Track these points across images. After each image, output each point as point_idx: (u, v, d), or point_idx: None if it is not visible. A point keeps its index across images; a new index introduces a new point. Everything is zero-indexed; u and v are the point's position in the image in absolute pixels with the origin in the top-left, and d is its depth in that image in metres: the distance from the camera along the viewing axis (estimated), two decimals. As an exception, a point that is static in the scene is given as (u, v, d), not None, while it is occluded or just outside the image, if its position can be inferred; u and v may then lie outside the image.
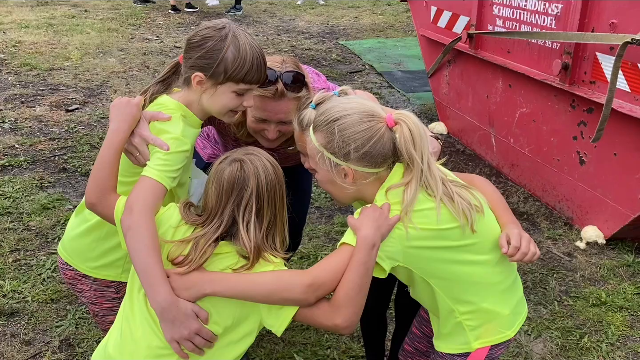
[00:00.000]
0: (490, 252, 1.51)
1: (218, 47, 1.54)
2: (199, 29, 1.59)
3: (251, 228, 1.44)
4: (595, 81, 3.16)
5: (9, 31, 8.25)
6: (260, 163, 1.48)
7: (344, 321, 1.37)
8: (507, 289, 1.58)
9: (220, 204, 1.46)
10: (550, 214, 3.65)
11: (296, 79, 1.77)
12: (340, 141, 1.41)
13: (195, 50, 1.56)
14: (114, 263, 1.73)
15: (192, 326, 1.38)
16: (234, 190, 1.45)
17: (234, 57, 1.54)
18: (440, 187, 1.42)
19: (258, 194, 1.45)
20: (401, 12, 10.64)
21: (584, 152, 3.37)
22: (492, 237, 1.52)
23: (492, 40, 4.08)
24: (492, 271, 1.52)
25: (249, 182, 1.45)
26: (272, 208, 1.48)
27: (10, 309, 2.65)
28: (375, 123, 1.41)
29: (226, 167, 1.47)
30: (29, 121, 4.96)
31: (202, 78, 1.56)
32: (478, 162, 4.39)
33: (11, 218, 3.41)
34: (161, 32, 8.77)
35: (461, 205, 1.42)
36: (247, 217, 1.44)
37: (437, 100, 5.10)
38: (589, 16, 3.15)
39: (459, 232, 1.43)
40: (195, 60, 1.56)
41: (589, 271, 3.07)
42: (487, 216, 1.53)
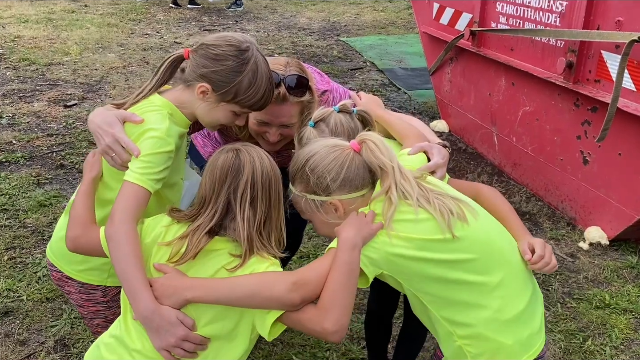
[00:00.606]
0: (486, 274, 1.42)
1: (237, 70, 1.53)
2: (221, 40, 1.55)
3: (245, 217, 1.40)
4: (600, 80, 3.11)
5: (8, 25, 8.20)
6: (257, 153, 1.46)
7: (332, 325, 1.32)
8: (514, 320, 1.44)
9: (214, 191, 1.43)
10: (552, 214, 3.61)
11: (300, 82, 1.74)
12: (316, 179, 1.44)
13: (213, 62, 1.53)
14: (99, 267, 1.69)
15: (178, 333, 1.35)
16: (228, 177, 1.42)
17: (249, 85, 1.54)
18: (416, 189, 1.41)
19: (253, 183, 1.42)
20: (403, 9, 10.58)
21: (587, 151, 3.32)
22: (490, 257, 1.43)
23: (495, 38, 4.03)
24: (490, 295, 1.42)
25: (244, 170, 1.42)
26: (267, 200, 1.44)
27: (5, 308, 2.61)
28: (341, 151, 1.45)
29: (221, 155, 1.46)
30: (26, 117, 4.92)
31: (208, 91, 1.54)
32: (480, 161, 4.34)
33: (7, 215, 3.36)
34: (161, 27, 8.71)
35: (439, 205, 1.39)
36: (242, 205, 1.41)
37: (439, 98, 5.06)
38: (595, 14, 3.10)
39: (445, 245, 1.38)
40: (209, 72, 1.53)
41: (592, 272, 3.03)
42: (482, 231, 1.45)
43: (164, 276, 1.39)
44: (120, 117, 1.53)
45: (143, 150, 1.48)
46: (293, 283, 1.32)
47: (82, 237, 1.49)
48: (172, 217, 1.48)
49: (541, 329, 1.50)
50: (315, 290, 1.35)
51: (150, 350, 1.38)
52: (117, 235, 1.39)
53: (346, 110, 1.69)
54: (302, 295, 1.33)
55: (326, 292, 1.34)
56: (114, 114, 1.54)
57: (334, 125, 1.65)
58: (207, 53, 1.54)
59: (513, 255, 1.50)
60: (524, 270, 1.51)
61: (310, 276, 1.36)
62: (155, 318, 1.34)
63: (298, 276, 1.36)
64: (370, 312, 2.22)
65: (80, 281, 1.72)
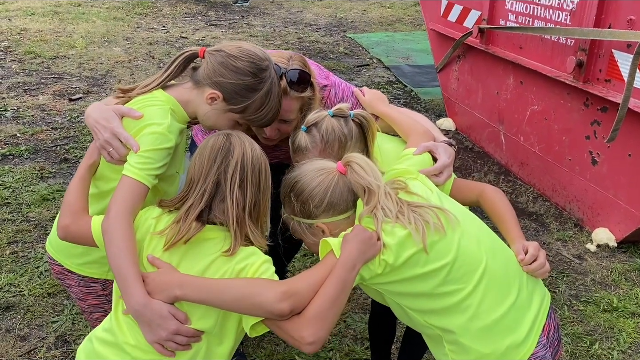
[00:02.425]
0: (459, 281, 1.39)
1: (254, 88, 1.53)
2: (243, 54, 1.53)
3: (234, 198, 1.40)
4: (610, 79, 3.07)
5: (15, 18, 8.20)
6: (247, 139, 1.46)
7: (311, 335, 1.29)
8: (489, 328, 1.40)
9: (203, 171, 1.42)
10: (560, 214, 3.56)
11: (301, 78, 1.71)
12: (300, 205, 1.46)
13: (231, 74, 1.52)
14: (99, 260, 1.67)
15: (170, 327, 1.34)
16: (218, 157, 1.42)
17: (261, 105, 1.55)
18: (395, 205, 1.42)
19: (243, 165, 1.42)
20: (410, 6, 10.52)
21: (596, 152, 3.28)
22: (463, 264, 1.40)
23: (504, 36, 3.98)
24: (463, 302, 1.39)
25: (234, 151, 1.42)
26: (257, 184, 1.44)
27: (6, 302, 2.59)
28: (326, 175, 1.46)
29: (211, 137, 1.46)
30: (31, 110, 4.90)
31: (218, 99, 1.54)
32: (486, 160, 4.30)
33: (10, 209, 3.35)
34: (167, 21, 8.69)
35: (414, 219, 1.39)
36: (231, 186, 1.41)
37: (446, 96, 5.01)
38: (606, 12, 3.05)
39: (418, 257, 1.37)
40: (224, 82, 1.53)
41: (599, 275, 2.99)
42: (457, 239, 1.42)
43: (157, 271, 1.38)
44: (119, 113, 1.52)
45: (143, 145, 1.46)
46: (283, 292, 1.30)
47: (72, 225, 1.48)
48: (162, 208, 1.47)
49: (529, 339, 1.42)
50: (305, 301, 1.32)
51: (144, 344, 1.37)
52: (112, 229, 1.38)
53: (341, 114, 1.65)
54: (292, 305, 1.30)
55: (314, 303, 1.32)
56: (112, 109, 1.52)
57: (325, 131, 1.63)
58: (226, 62, 1.53)
59: (494, 261, 1.45)
60: (508, 277, 1.46)
61: (301, 287, 1.33)
62: (147, 312, 1.33)
63: (289, 285, 1.33)
64: (374, 313, 2.19)
65: (80, 274, 1.71)
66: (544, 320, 1.48)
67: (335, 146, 1.63)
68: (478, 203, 1.73)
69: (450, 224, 1.42)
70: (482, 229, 1.52)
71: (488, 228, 1.55)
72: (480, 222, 1.55)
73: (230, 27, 8.51)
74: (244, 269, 1.38)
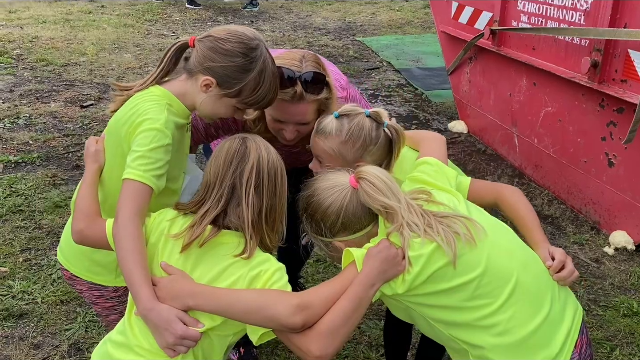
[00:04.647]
0: (489, 295, 1.35)
1: (245, 69, 1.50)
2: (231, 35, 1.50)
3: (250, 202, 1.38)
4: (626, 80, 3.02)
5: (26, 26, 8.26)
6: (263, 143, 1.45)
7: (317, 350, 1.26)
8: (519, 344, 1.35)
9: (219, 175, 1.41)
10: (576, 217, 3.51)
11: (316, 79, 1.67)
12: (315, 224, 1.44)
13: (221, 57, 1.49)
14: (107, 266, 1.67)
15: (176, 332, 1.32)
16: (233, 161, 1.40)
17: (256, 85, 1.51)
18: (421, 219, 1.36)
19: (259, 169, 1.40)
20: (419, 9, 10.49)
21: (613, 153, 3.22)
22: (494, 277, 1.35)
23: (516, 37, 3.94)
24: (492, 317, 1.35)
25: (250, 156, 1.41)
26: (273, 189, 1.42)
27: (20, 310, 2.59)
28: (339, 192, 1.40)
29: (227, 141, 1.45)
30: (43, 117, 4.93)
31: (212, 84, 1.51)
32: (500, 163, 4.25)
33: (23, 216, 3.36)
34: (177, 27, 8.72)
35: (443, 231, 1.34)
36: (247, 190, 1.39)
37: (457, 98, 4.97)
38: (621, 12, 3.01)
39: (447, 270, 1.33)
40: (215, 67, 1.49)
41: (618, 279, 2.93)
42: (486, 251, 1.37)
43: (169, 277, 1.37)
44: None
45: (141, 144, 1.45)
46: (296, 305, 1.27)
47: (87, 229, 1.47)
48: (177, 210, 1.46)
49: (561, 355, 1.37)
50: (318, 314, 1.29)
51: (156, 347, 1.36)
52: (121, 235, 1.38)
53: (377, 118, 1.62)
54: (304, 319, 1.27)
55: (326, 318, 1.29)
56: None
57: (355, 125, 1.59)
58: (215, 46, 1.50)
59: (526, 274, 1.40)
60: (540, 290, 1.41)
61: (315, 300, 1.30)
62: (153, 316, 1.32)
63: (302, 298, 1.30)
64: (389, 319, 2.15)
65: (90, 281, 1.71)
66: (577, 336, 1.42)
67: (357, 144, 1.59)
68: (496, 205, 1.69)
69: (478, 235, 1.37)
70: (513, 241, 1.47)
71: (520, 240, 1.49)
72: (512, 234, 1.49)
73: (240, 32, 8.52)
74: (257, 275, 1.36)
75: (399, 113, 5.32)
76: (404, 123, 5.04)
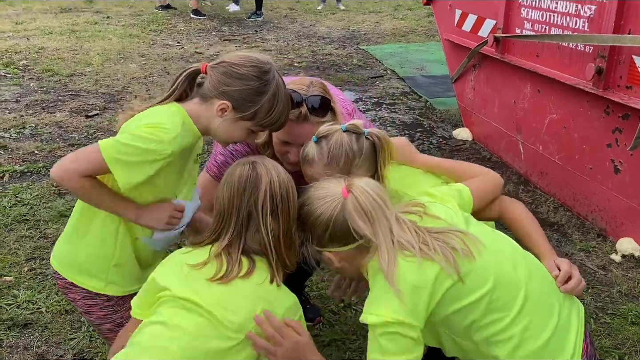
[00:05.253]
0: (501, 310, 1.33)
1: (260, 91, 1.53)
2: (245, 60, 1.55)
3: (269, 228, 1.40)
4: (632, 86, 3.00)
5: (33, 37, 8.33)
6: (272, 165, 1.47)
7: None
8: (535, 354, 1.34)
9: (234, 205, 1.41)
10: (582, 224, 3.49)
11: (322, 103, 1.74)
12: (305, 233, 1.44)
13: (236, 81, 1.53)
14: (97, 275, 1.68)
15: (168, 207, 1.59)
16: (247, 189, 1.42)
17: (270, 107, 1.55)
18: (415, 237, 1.33)
19: (272, 194, 1.42)
20: (423, 17, 10.52)
21: (619, 160, 3.21)
22: (505, 290, 1.34)
23: (520, 44, 3.94)
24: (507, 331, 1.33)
25: (262, 181, 1.42)
26: (287, 210, 1.44)
27: (24, 320, 2.59)
28: (330, 203, 1.39)
29: (237, 167, 1.45)
30: (49, 127, 4.95)
31: (228, 108, 1.54)
32: (505, 170, 4.23)
33: (28, 226, 3.36)
34: (182, 37, 8.77)
35: (440, 248, 1.31)
36: (264, 217, 1.41)
37: (462, 106, 4.97)
38: (625, 18, 3.00)
39: (455, 291, 1.31)
40: (231, 91, 1.53)
41: (626, 286, 2.91)
42: (490, 264, 1.35)
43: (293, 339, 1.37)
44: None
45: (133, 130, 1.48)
46: None
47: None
48: (193, 245, 1.48)
49: (575, 357, 1.36)
50: None
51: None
52: (73, 185, 1.48)
53: (355, 130, 1.60)
54: None
55: None
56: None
57: (333, 144, 1.58)
58: (229, 71, 1.54)
59: (533, 283, 1.39)
60: (548, 298, 1.40)
61: None
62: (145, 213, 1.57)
63: None
64: None
65: (83, 287, 1.71)
66: (583, 338, 1.41)
67: (340, 161, 1.57)
68: (498, 219, 1.68)
69: (477, 249, 1.35)
70: (516, 251, 1.45)
71: (522, 248, 1.47)
72: (514, 243, 1.48)
73: (244, 42, 8.56)
74: None
75: (404, 121, 5.32)
76: (408, 131, 5.04)
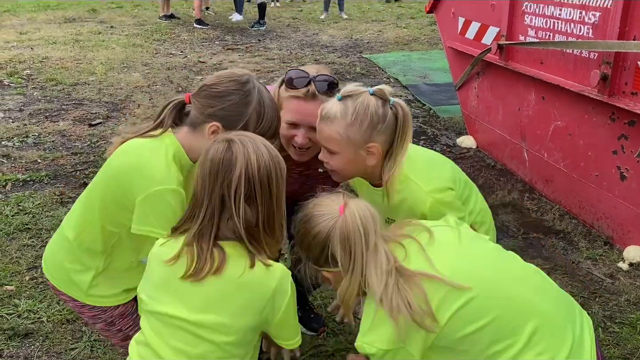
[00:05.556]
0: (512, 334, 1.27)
1: (244, 102, 1.51)
2: (220, 79, 1.54)
3: (241, 215, 1.29)
4: (637, 92, 2.98)
5: (37, 47, 8.37)
6: (252, 144, 1.33)
7: None
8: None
9: (206, 188, 1.31)
10: (588, 232, 3.45)
11: (330, 83, 1.76)
12: (303, 251, 1.38)
13: (217, 101, 1.51)
14: (80, 285, 1.68)
15: None
16: (219, 171, 1.30)
17: (259, 116, 1.53)
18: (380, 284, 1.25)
19: (248, 177, 1.29)
20: (425, 26, 10.54)
21: (625, 167, 3.18)
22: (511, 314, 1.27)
23: (524, 51, 3.92)
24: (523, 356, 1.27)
25: (237, 163, 1.30)
26: (268, 195, 1.32)
27: (25, 329, 2.56)
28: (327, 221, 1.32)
29: (212, 146, 1.34)
30: (52, 136, 4.95)
31: (219, 129, 1.52)
32: (510, 177, 4.21)
33: (30, 234, 3.35)
34: (185, 47, 8.80)
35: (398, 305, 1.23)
36: (236, 202, 1.29)
37: (466, 114, 4.95)
38: (630, 24, 2.98)
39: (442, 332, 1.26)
40: (216, 111, 1.51)
41: (634, 295, 2.86)
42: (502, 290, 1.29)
43: None
44: None
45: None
46: None
47: None
48: (170, 235, 1.41)
49: None
50: None
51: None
52: None
53: (382, 96, 1.55)
54: None
55: None
56: None
57: (360, 104, 1.52)
58: (210, 93, 1.53)
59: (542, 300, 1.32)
60: (562, 318, 1.31)
61: None
62: None
63: None
64: None
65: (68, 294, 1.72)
66: (595, 354, 1.34)
67: (364, 124, 1.51)
68: None
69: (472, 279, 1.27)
70: (526, 270, 1.38)
71: (531, 265, 1.41)
72: (520, 261, 1.41)
73: (247, 51, 8.58)
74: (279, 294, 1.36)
75: (407, 129, 5.29)
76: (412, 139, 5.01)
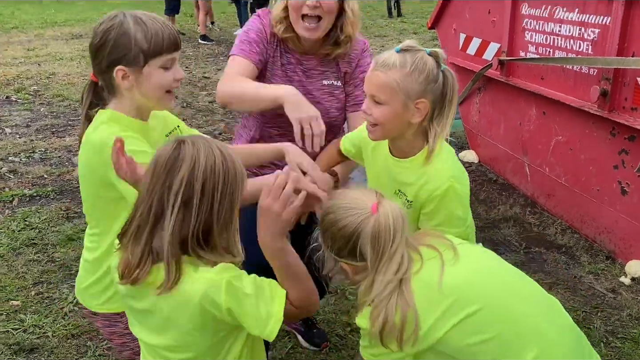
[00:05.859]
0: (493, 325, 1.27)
1: (122, 32, 1.46)
2: (95, 32, 1.51)
3: (172, 220, 1.17)
4: (637, 107, 3.01)
5: (44, 63, 8.48)
6: (205, 146, 1.22)
7: None
8: None
9: (148, 189, 1.22)
10: (590, 247, 3.46)
11: None
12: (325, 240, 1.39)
13: (102, 48, 1.47)
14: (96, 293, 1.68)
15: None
16: (163, 171, 1.20)
17: (144, 33, 1.47)
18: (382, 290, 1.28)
19: (191, 180, 1.18)
20: (427, 41, 10.60)
21: (626, 181, 3.20)
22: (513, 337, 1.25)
23: (525, 67, 3.96)
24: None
25: (183, 164, 1.19)
26: (208, 202, 1.19)
27: (31, 344, 2.58)
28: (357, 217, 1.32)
29: (164, 146, 1.25)
30: (58, 151, 5.01)
31: (125, 70, 1.47)
32: (512, 192, 4.23)
33: (36, 249, 3.38)
34: (190, 62, 8.89)
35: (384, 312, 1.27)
36: (173, 206, 1.18)
37: (468, 128, 4.98)
38: (629, 40, 3.02)
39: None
40: (108, 58, 1.47)
41: (636, 309, 2.87)
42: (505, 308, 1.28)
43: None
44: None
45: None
46: None
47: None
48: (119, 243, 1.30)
49: None
50: None
51: None
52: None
53: (437, 58, 1.57)
54: None
55: None
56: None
57: (418, 59, 1.54)
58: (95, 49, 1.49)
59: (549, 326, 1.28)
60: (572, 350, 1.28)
61: None
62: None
63: None
64: None
65: (103, 313, 1.70)
66: None
67: (420, 77, 1.52)
68: None
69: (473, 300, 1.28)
70: (533, 290, 1.37)
71: (539, 286, 1.39)
72: (533, 283, 1.39)
73: (251, 66, 8.65)
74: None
75: (410, 143, 5.33)
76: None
